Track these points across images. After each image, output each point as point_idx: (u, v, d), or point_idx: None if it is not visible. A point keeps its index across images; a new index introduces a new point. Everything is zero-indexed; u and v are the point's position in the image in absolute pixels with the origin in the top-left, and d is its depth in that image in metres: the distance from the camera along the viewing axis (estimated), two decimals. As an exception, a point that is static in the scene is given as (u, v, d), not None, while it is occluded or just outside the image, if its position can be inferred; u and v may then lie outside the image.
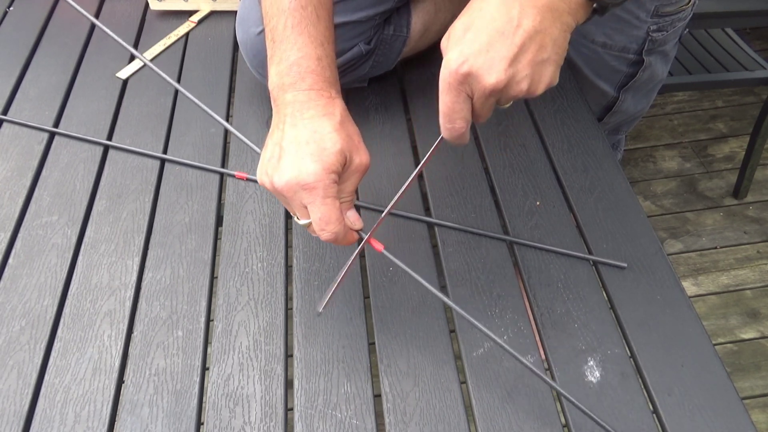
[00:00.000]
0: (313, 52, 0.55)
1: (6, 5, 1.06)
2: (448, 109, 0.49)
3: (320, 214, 0.50)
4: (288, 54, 0.55)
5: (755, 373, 1.25)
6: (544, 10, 0.46)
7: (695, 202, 1.57)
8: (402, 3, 0.80)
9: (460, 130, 0.50)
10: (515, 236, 0.66)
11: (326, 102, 0.54)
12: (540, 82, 0.48)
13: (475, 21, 0.47)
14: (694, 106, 1.81)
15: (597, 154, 0.75)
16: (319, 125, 0.52)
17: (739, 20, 1.38)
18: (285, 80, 0.55)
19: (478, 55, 0.46)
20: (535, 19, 0.46)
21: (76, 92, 0.88)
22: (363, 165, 0.53)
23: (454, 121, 0.49)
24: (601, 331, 0.58)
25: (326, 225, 0.51)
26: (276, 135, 0.54)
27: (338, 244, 0.53)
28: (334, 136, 0.51)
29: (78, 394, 0.56)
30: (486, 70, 0.46)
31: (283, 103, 0.54)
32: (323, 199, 0.50)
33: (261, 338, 0.59)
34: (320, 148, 0.50)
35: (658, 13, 0.79)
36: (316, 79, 0.54)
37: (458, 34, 0.47)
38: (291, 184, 0.50)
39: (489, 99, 0.48)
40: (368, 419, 0.53)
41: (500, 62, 0.46)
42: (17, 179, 0.75)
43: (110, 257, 0.66)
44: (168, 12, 1.02)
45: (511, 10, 0.46)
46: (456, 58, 0.46)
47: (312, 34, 0.56)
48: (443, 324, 0.59)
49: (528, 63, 0.46)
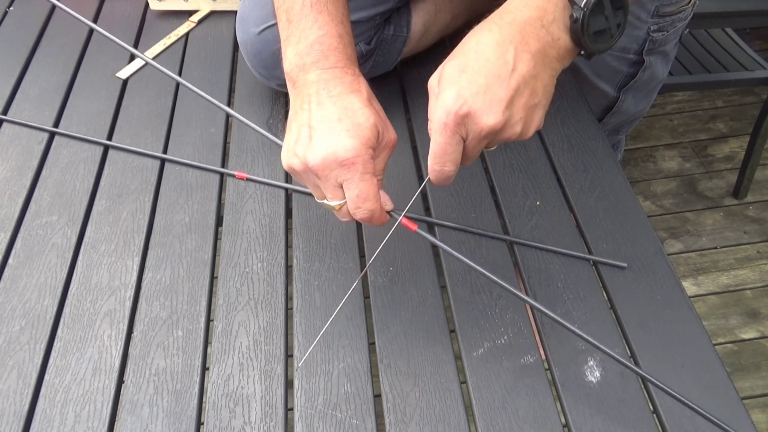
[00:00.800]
0: (334, 30, 0.54)
1: (6, 5, 1.06)
2: (440, 150, 0.48)
3: (358, 190, 0.49)
4: (308, 33, 0.54)
5: (755, 373, 1.25)
6: (537, 55, 0.47)
7: (695, 202, 1.57)
8: (402, 3, 0.80)
9: (448, 173, 0.49)
10: (515, 236, 0.66)
11: (352, 79, 0.53)
12: (531, 126, 0.49)
13: (470, 63, 0.47)
14: (694, 106, 1.81)
15: (597, 154, 0.75)
16: (349, 102, 0.51)
17: (739, 20, 1.38)
18: (306, 60, 0.53)
19: (476, 97, 0.46)
20: (529, 64, 0.46)
21: (76, 92, 0.88)
22: (392, 140, 0.53)
23: (444, 163, 0.49)
24: (601, 331, 0.58)
25: (364, 202, 0.50)
26: (301, 116, 0.52)
27: (372, 223, 0.52)
28: (366, 111, 0.51)
29: (78, 394, 0.56)
30: (484, 112, 0.46)
31: (305, 83, 0.53)
32: (362, 175, 0.49)
33: (261, 338, 0.59)
34: (355, 124, 0.50)
35: (658, 13, 0.79)
36: (339, 56, 0.53)
37: (453, 74, 0.47)
38: (328, 161, 0.49)
39: (482, 141, 0.48)
40: (368, 419, 0.53)
41: (498, 104, 0.46)
42: (17, 179, 0.75)
43: (110, 257, 0.66)
44: (168, 12, 1.02)
45: (506, 54, 0.46)
46: (454, 99, 0.46)
47: (332, 12, 0.55)
48: (443, 324, 0.59)
49: (522, 107, 0.47)
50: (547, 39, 0.47)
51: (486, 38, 0.47)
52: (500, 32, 0.47)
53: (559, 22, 0.47)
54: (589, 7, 0.46)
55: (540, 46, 0.47)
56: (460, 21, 0.87)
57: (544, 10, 0.47)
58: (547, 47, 0.47)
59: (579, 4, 0.46)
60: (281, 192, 0.73)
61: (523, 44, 0.46)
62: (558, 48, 0.48)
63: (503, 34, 0.47)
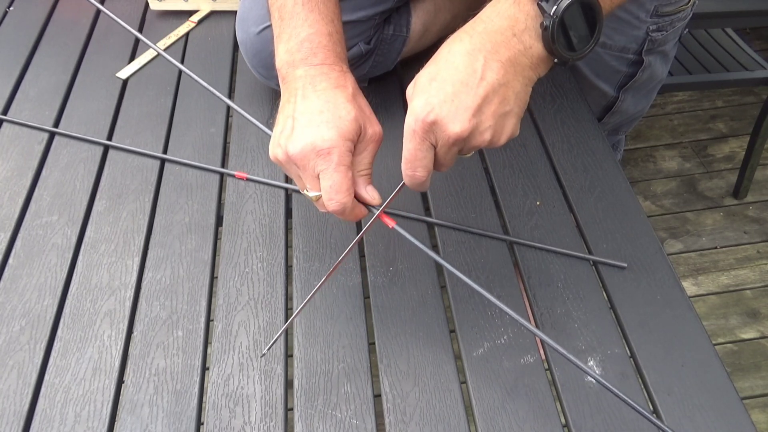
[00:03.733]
0: (324, 29, 0.56)
1: (6, 5, 1.06)
2: (411, 156, 0.49)
3: (331, 182, 0.50)
4: (298, 31, 0.56)
5: (755, 373, 1.25)
6: (507, 64, 0.47)
7: (695, 202, 1.57)
8: (402, 3, 0.80)
9: (420, 179, 0.50)
10: (515, 236, 0.66)
11: (338, 75, 0.55)
12: (502, 134, 0.49)
13: (441, 71, 0.48)
14: (694, 106, 1.81)
15: (597, 154, 0.75)
16: (332, 96, 0.53)
17: (739, 20, 1.38)
18: (296, 56, 0.55)
19: (443, 105, 0.47)
20: (499, 73, 0.47)
21: (76, 92, 0.88)
22: (377, 135, 0.54)
23: (415, 168, 0.50)
24: (601, 331, 0.58)
25: (335, 194, 0.51)
26: (287, 108, 0.54)
27: (345, 217, 0.53)
28: (348, 105, 0.52)
29: (78, 394, 0.56)
30: (450, 119, 0.47)
31: (293, 78, 0.55)
32: (337, 166, 0.50)
33: (261, 338, 0.59)
34: (335, 116, 0.51)
35: (657, 13, 0.79)
36: (327, 54, 0.55)
37: (424, 83, 0.48)
38: (306, 151, 0.50)
39: (452, 148, 0.49)
40: (368, 419, 0.53)
41: (464, 112, 0.47)
42: (17, 179, 0.75)
43: (110, 257, 0.66)
44: (168, 12, 1.02)
45: (475, 63, 0.47)
46: (422, 107, 0.47)
47: (322, 11, 0.57)
48: (443, 324, 0.59)
49: (491, 114, 0.48)
50: (519, 47, 0.47)
51: (457, 47, 0.48)
52: (470, 41, 0.48)
53: (531, 30, 0.47)
54: (558, 15, 0.46)
55: (511, 54, 0.47)
56: (460, 21, 0.86)
57: (515, 19, 0.47)
58: (519, 56, 0.48)
59: (549, 12, 0.46)
60: (281, 192, 0.73)
61: (493, 53, 0.47)
62: (531, 57, 0.48)
63: (473, 43, 0.47)
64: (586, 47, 0.49)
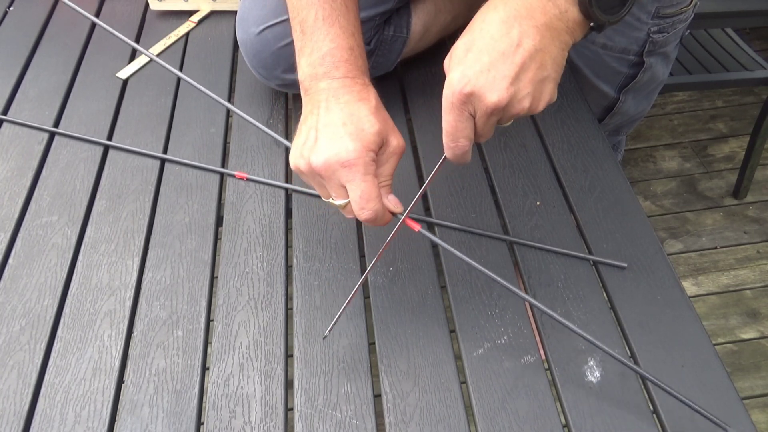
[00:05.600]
0: (345, 43, 0.56)
1: (6, 5, 1.06)
2: (451, 128, 0.49)
3: (360, 191, 0.51)
4: (320, 45, 0.56)
5: (755, 373, 1.25)
6: (543, 29, 0.47)
7: (695, 202, 1.57)
8: (402, 4, 0.80)
9: (463, 149, 0.50)
10: (515, 236, 0.66)
11: (360, 88, 0.55)
12: (541, 100, 0.49)
13: (476, 41, 0.48)
14: (694, 106, 1.81)
15: (597, 154, 0.75)
16: (356, 109, 0.53)
17: (739, 20, 1.38)
18: (318, 70, 0.55)
19: (480, 75, 0.47)
20: (535, 39, 0.47)
21: (76, 92, 0.88)
22: (400, 147, 0.54)
23: (457, 140, 0.50)
24: (601, 331, 0.58)
25: (366, 203, 0.51)
26: (310, 120, 0.54)
27: (376, 224, 0.53)
28: (371, 118, 0.52)
29: (78, 394, 0.56)
30: (488, 90, 0.47)
31: (316, 91, 0.55)
32: (363, 176, 0.51)
33: (261, 338, 0.59)
34: (358, 129, 0.52)
35: (658, 14, 0.79)
36: (349, 68, 0.55)
37: (460, 54, 0.48)
38: (330, 163, 0.51)
39: (491, 118, 0.49)
40: (368, 419, 0.53)
41: (502, 81, 0.46)
42: (17, 179, 0.75)
43: (110, 257, 0.66)
44: (168, 12, 1.02)
45: (511, 30, 0.47)
46: (459, 79, 0.47)
47: (343, 25, 0.57)
48: (443, 324, 0.59)
49: (529, 81, 0.47)
50: (554, 12, 0.47)
51: (491, 16, 0.48)
52: (505, 9, 0.47)
53: None
54: None
55: (546, 19, 0.47)
56: (460, 21, 0.87)
57: None
58: (555, 20, 0.47)
59: None
60: (281, 192, 0.73)
61: (529, 18, 0.47)
62: (566, 21, 0.48)
63: (508, 10, 0.47)
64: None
